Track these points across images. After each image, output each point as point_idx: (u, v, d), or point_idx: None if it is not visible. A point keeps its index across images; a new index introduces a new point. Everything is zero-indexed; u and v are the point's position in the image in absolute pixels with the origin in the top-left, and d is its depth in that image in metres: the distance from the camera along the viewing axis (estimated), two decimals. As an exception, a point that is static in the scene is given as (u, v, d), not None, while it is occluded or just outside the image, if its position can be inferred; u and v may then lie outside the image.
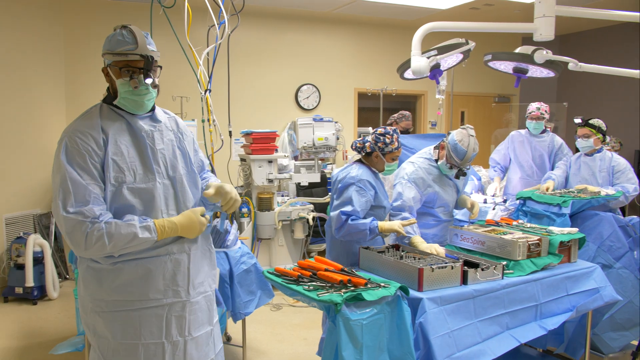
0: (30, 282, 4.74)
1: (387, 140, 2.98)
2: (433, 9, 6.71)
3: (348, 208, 2.88)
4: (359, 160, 3.09)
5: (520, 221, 3.53)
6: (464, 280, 2.56)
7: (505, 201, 4.78)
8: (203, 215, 2.00)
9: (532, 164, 4.87)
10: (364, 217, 2.94)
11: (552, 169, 4.75)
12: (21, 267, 4.79)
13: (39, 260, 4.86)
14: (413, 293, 2.37)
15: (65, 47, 5.96)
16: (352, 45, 7.73)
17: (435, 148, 3.41)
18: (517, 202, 4.35)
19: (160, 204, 1.92)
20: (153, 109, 2.02)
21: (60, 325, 4.35)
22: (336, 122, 6.46)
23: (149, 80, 1.89)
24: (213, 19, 3.85)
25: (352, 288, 2.20)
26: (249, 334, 3.85)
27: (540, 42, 3.81)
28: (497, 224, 3.44)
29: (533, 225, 3.40)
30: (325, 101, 7.51)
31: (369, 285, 2.23)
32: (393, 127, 3.05)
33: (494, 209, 4.55)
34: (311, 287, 2.22)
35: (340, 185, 2.99)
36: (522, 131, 4.97)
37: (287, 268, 2.48)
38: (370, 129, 8.12)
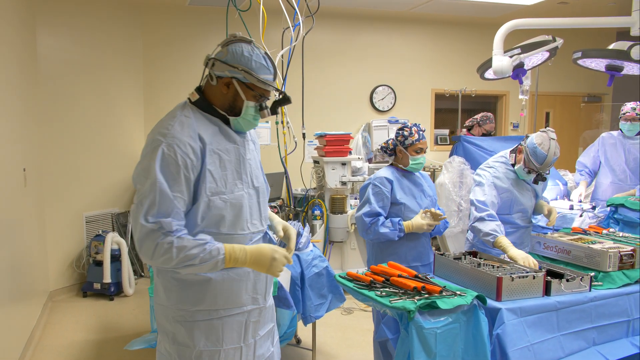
0: (107, 278, 5.00)
1: (406, 133, 3.06)
2: (517, 5, 6.43)
3: (366, 209, 3.05)
4: (391, 164, 3.22)
5: (612, 230, 3.33)
6: (547, 291, 2.45)
7: (594, 208, 4.51)
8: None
9: (625, 167, 4.58)
10: (388, 216, 3.10)
11: None
12: (99, 263, 5.06)
13: (116, 258, 5.12)
14: (491, 303, 2.29)
15: (144, 50, 6.23)
16: (429, 45, 7.59)
17: (512, 152, 3.28)
18: (608, 209, 4.09)
19: (246, 214, 1.92)
20: None
21: (135, 321, 4.56)
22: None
23: (274, 114, 1.95)
24: (288, 21, 3.90)
25: (427, 295, 2.15)
26: (318, 338, 3.88)
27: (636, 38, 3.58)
28: (584, 232, 3.27)
29: (626, 235, 3.21)
30: (401, 102, 7.43)
31: (444, 293, 2.18)
32: (413, 123, 3.18)
33: (581, 215, 4.32)
34: (384, 293, 2.19)
35: (360, 188, 3.20)
36: (614, 133, 4.70)
37: (359, 272, 2.47)
38: (447, 132, 7.96)
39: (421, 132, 3.08)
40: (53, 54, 5.10)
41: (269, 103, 1.93)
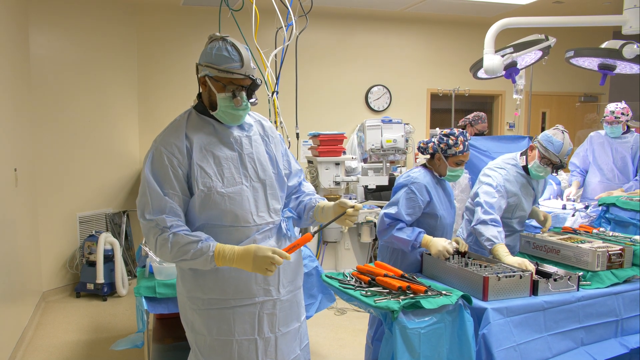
0: (100, 278, 4.97)
1: (451, 142, 2.79)
2: (512, 4, 6.42)
3: (392, 210, 2.78)
4: (424, 165, 2.97)
5: (602, 229, 3.32)
6: (534, 291, 2.44)
7: (587, 207, 4.48)
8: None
9: (612, 166, 4.60)
10: (412, 224, 2.82)
11: (637, 171, 4.47)
12: (93, 264, 5.03)
13: (109, 258, 5.09)
14: (477, 302, 2.28)
15: (138, 49, 6.21)
16: (424, 45, 7.57)
17: (522, 154, 3.25)
18: (600, 208, 4.07)
19: (250, 207, 1.97)
20: None
21: (127, 321, 4.54)
22: (406, 124, 6.34)
23: (252, 100, 1.97)
24: (281, 20, 3.88)
25: (412, 295, 2.14)
26: (310, 338, 3.85)
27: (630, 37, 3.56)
28: (574, 231, 3.25)
29: (616, 234, 3.20)
30: (397, 102, 7.40)
31: (429, 293, 2.17)
32: (460, 130, 2.90)
33: (573, 215, 4.30)
34: (369, 293, 2.19)
35: (395, 185, 2.91)
36: (602, 132, 4.70)
37: (345, 273, 2.46)
38: (437, 130, 7.94)
39: (466, 144, 2.82)
40: (46, 54, 5.08)
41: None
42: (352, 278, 2.40)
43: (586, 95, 8.31)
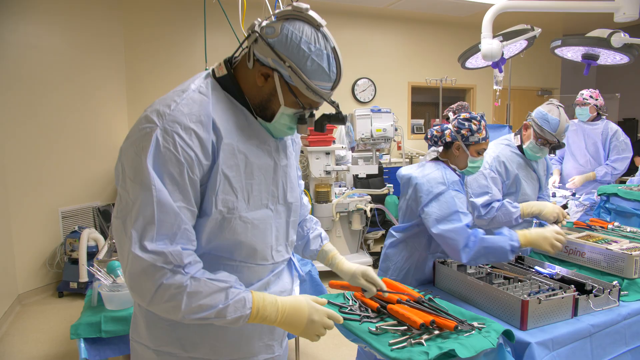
0: (84, 277, 4.01)
1: (474, 127, 2.01)
2: (486, 4, 5.64)
3: (467, 219, 1.89)
4: (437, 159, 2.15)
5: (616, 223, 2.54)
6: (575, 311, 1.65)
7: (574, 194, 3.75)
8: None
9: (585, 152, 4.04)
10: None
11: (608, 157, 3.93)
12: (76, 261, 4.10)
13: (93, 255, 4.07)
14: (515, 333, 1.48)
15: (125, 35, 5.31)
16: (406, 41, 7.06)
17: (515, 134, 2.57)
18: (596, 198, 3.33)
19: (271, 240, 1.21)
20: None
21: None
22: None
23: (319, 131, 1.21)
24: (269, 8, 3.07)
25: (437, 332, 1.34)
26: (305, 339, 3.09)
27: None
28: (589, 227, 2.48)
29: (634, 229, 2.43)
30: (381, 94, 6.98)
31: (459, 328, 1.36)
32: (478, 113, 2.10)
33: (566, 206, 3.54)
34: (380, 330, 1.38)
35: (430, 196, 1.96)
36: (576, 120, 4.14)
37: (347, 294, 1.65)
38: (422, 122, 7.23)
39: (487, 130, 2.07)
40: (23, 40, 4.08)
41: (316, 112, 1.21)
42: (356, 302, 1.60)
43: (542, 89, 8.27)
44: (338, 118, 1.19)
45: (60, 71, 4.38)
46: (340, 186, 4.99)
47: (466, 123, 2.02)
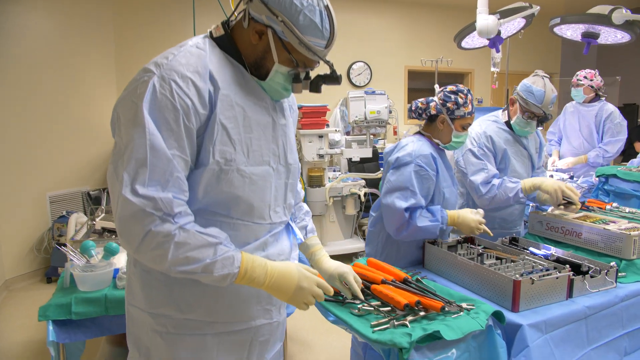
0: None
1: (460, 100, 1.92)
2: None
3: (411, 201, 1.85)
4: (419, 133, 2.08)
5: (615, 204, 2.45)
6: (570, 292, 1.57)
7: (572, 177, 3.66)
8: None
9: (579, 134, 3.93)
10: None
11: (602, 139, 3.79)
12: (64, 246, 3.97)
13: None
14: (506, 315, 1.40)
15: (115, 21, 5.17)
16: (402, 25, 6.88)
17: (503, 110, 2.46)
18: (594, 180, 3.24)
19: (269, 199, 1.20)
20: None
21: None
22: (388, 99, 5.46)
23: (314, 92, 1.22)
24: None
25: (423, 313, 1.26)
26: (294, 324, 3.05)
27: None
28: (587, 207, 2.39)
29: (633, 210, 2.34)
30: (377, 78, 6.82)
31: (446, 309, 1.28)
32: (465, 86, 2.01)
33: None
34: (362, 311, 1.30)
35: (393, 164, 1.95)
36: (574, 102, 4.01)
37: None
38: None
39: (474, 103, 1.98)
40: (10, 24, 3.95)
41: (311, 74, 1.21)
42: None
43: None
44: (333, 77, 1.18)
45: (49, 55, 4.28)
46: (334, 171, 4.90)
47: (452, 96, 1.93)
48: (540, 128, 2.47)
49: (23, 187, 4.08)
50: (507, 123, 2.41)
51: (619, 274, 1.77)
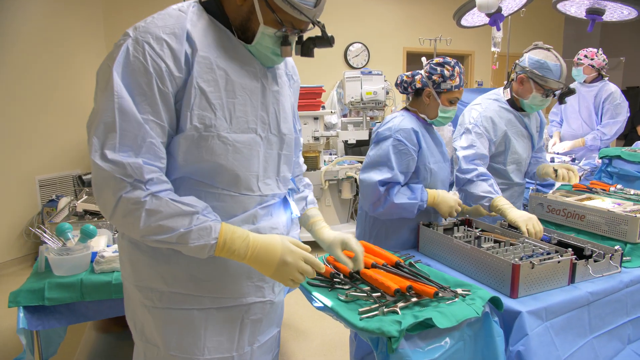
0: None
1: (447, 73, 1.82)
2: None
3: (386, 175, 1.78)
4: (405, 109, 1.98)
5: (619, 186, 2.35)
6: (572, 278, 1.48)
7: (574, 160, 3.55)
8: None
9: (578, 115, 3.79)
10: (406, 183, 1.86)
11: (601, 121, 3.66)
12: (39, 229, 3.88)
13: None
14: (504, 302, 1.31)
15: (104, 3, 5.02)
16: (402, 4, 6.68)
17: (505, 88, 2.30)
18: (597, 162, 3.14)
19: (258, 168, 1.13)
20: None
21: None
22: (385, 81, 5.31)
23: (306, 56, 1.13)
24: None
25: (415, 299, 1.17)
26: (287, 311, 2.94)
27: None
28: (589, 189, 2.29)
29: (639, 192, 2.24)
30: (375, 60, 6.65)
31: (440, 295, 1.19)
32: (453, 59, 1.88)
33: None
34: (350, 297, 1.21)
35: (373, 139, 1.90)
36: (576, 82, 3.86)
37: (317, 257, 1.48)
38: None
39: (462, 77, 1.88)
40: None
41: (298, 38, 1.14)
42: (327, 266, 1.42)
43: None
44: (323, 39, 1.10)
45: (38, 37, 4.15)
46: (330, 154, 4.79)
47: (438, 68, 1.82)
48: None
49: (11, 171, 3.97)
50: (509, 101, 2.31)
51: (624, 258, 1.69)
